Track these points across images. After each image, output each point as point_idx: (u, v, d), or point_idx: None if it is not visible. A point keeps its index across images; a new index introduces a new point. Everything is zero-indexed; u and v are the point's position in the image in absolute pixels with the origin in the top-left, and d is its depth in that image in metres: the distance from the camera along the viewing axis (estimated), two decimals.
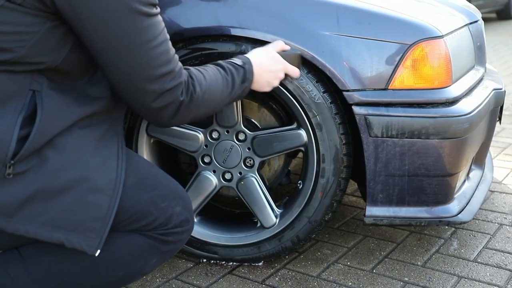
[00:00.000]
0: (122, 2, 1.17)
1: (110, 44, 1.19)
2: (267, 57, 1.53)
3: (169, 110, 1.30)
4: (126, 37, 1.19)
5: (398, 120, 1.53)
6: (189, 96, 1.31)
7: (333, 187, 1.66)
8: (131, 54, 1.21)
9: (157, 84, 1.25)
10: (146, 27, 1.20)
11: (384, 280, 1.71)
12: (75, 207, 1.25)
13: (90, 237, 1.25)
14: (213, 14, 1.58)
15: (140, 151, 1.77)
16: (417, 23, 1.56)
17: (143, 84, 1.24)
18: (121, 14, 1.17)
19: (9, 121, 1.18)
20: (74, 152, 1.26)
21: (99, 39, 1.19)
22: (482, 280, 1.69)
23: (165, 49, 1.25)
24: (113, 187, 1.29)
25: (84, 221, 1.25)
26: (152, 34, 1.22)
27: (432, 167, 1.57)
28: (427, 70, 1.54)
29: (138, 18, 1.19)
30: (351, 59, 1.53)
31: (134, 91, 1.26)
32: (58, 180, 1.23)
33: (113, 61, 1.22)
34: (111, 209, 1.27)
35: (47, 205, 1.23)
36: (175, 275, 1.75)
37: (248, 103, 1.77)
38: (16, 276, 1.34)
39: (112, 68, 1.23)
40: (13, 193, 1.20)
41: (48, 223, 1.24)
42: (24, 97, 1.20)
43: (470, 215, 1.71)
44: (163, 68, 1.24)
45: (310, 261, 1.82)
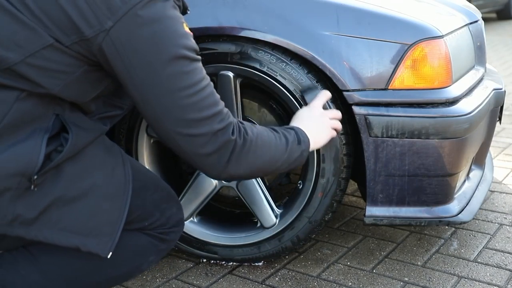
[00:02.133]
0: (167, 49, 1.21)
1: (154, 88, 1.22)
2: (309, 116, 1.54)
3: (223, 153, 1.29)
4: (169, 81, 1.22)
5: (398, 120, 1.53)
6: (242, 137, 1.31)
7: (333, 187, 1.66)
8: (173, 98, 1.23)
9: (207, 126, 1.25)
10: (190, 71, 1.24)
11: (384, 280, 1.71)
12: (90, 213, 1.32)
13: (103, 241, 1.33)
14: (213, 14, 1.58)
15: (140, 151, 1.77)
16: (417, 23, 1.56)
17: (193, 128, 1.25)
18: (166, 59, 1.21)
19: (36, 141, 1.24)
20: (87, 161, 1.33)
21: (144, 84, 1.23)
22: (482, 280, 1.69)
23: (210, 92, 1.27)
24: (122, 192, 1.36)
25: (98, 226, 1.33)
26: (196, 78, 1.24)
27: (432, 167, 1.57)
28: (427, 70, 1.54)
29: (183, 63, 1.22)
30: (351, 59, 1.53)
31: (185, 138, 1.26)
32: (74, 188, 1.31)
33: (162, 106, 1.24)
34: (122, 213, 1.35)
35: (63, 212, 1.30)
36: (175, 275, 1.75)
37: (248, 103, 1.77)
38: (26, 274, 1.39)
39: (160, 114, 1.25)
40: (32, 204, 1.27)
41: (65, 229, 1.31)
42: (48, 119, 1.26)
43: (470, 215, 1.71)
44: (211, 109, 1.25)
45: (310, 261, 1.82)
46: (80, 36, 1.18)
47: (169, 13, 1.22)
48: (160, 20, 1.20)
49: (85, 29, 1.17)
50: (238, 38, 1.59)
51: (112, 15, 1.17)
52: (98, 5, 1.16)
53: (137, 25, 1.18)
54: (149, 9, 1.18)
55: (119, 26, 1.17)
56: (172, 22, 1.22)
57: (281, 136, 1.42)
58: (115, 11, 1.17)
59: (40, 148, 1.24)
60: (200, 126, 1.25)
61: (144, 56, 1.20)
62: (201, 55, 1.62)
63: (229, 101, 1.66)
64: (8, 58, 1.17)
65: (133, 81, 1.23)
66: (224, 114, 1.28)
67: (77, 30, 1.17)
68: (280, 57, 1.58)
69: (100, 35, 1.17)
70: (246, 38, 1.58)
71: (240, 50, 1.59)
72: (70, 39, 1.18)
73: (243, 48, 1.59)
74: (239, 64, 1.61)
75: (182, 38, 1.23)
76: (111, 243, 1.34)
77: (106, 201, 1.34)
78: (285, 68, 1.58)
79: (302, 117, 1.55)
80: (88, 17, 1.16)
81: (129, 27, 1.18)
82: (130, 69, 1.21)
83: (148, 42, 1.20)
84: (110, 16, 1.17)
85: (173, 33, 1.22)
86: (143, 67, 1.21)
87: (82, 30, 1.17)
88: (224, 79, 1.64)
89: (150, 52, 1.20)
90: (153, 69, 1.21)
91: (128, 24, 1.18)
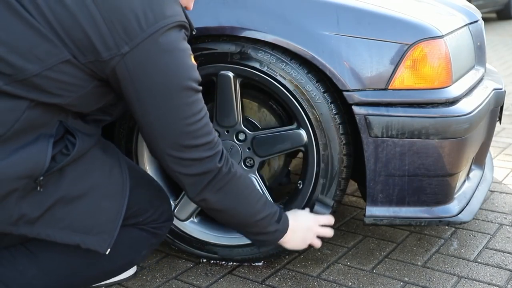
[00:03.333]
0: (176, 80, 1.29)
1: (160, 115, 1.31)
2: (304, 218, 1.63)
3: (204, 178, 1.39)
4: (176, 109, 1.31)
5: (398, 120, 1.53)
6: (228, 168, 1.41)
7: (333, 187, 1.66)
8: (177, 125, 1.32)
9: (197, 152, 1.35)
10: (194, 101, 1.33)
11: (384, 280, 1.71)
12: (90, 211, 1.40)
13: (102, 238, 1.41)
14: (213, 14, 1.58)
15: (140, 151, 1.77)
16: (417, 23, 1.56)
17: (185, 152, 1.34)
18: (176, 89, 1.29)
19: (42, 145, 1.30)
20: (87, 163, 1.40)
21: (150, 110, 1.31)
22: (482, 280, 1.69)
23: (206, 121, 1.36)
24: (121, 191, 1.45)
25: (98, 224, 1.41)
26: (198, 107, 1.34)
27: (432, 167, 1.57)
28: (427, 70, 1.54)
29: (189, 94, 1.32)
30: (351, 59, 1.53)
31: (175, 159, 1.36)
32: (76, 188, 1.38)
33: (162, 130, 1.33)
34: (120, 211, 1.43)
35: (66, 211, 1.37)
36: (175, 275, 1.75)
37: (248, 103, 1.77)
38: (24, 269, 1.45)
39: (159, 137, 1.34)
40: (37, 204, 1.33)
41: (67, 227, 1.38)
42: (53, 126, 1.33)
43: (470, 215, 1.71)
44: (204, 138, 1.35)
45: (310, 261, 1.82)
46: (96, 57, 1.24)
47: (181, 45, 1.30)
48: (173, 51, 1.28)
49: (103, 51, 1.23)
50: (238, 38, 1.59)
51: (130, 41, 1.23)
52: (117, 29, 1.22)
53: (152, 53, 1.25)
54: (164, 39, 1.25)
55: (135, 52, 1.24)
56: (183, 54, 1.30)
57: (264, 199, 1.52)
58: (133, 37, 1.23)
59: (47, 151, 1.29)
60: (191, 151, 1.35)
61: (154, 84, 1.28)
62: (201, 55, 1.62)
63: (229, 101, 1.66)
64: (27, 70, 1.22)
65: (139, 103, 1.30)
66: (214, 143, 1.38)
67: (95, 51, 1.23)
68: (280, 57, 1.58)
69: (115, 58, 1.24)
70: (246, 38, 1.58)
71: (240, 50, 1.59)
72: (86, 58, 1.24)
73: (243, 48, 1.59)
74: (239, 64, 1.61)
75: (190, 70, 1.32)
76: (110, 240, 1.42)
77: (105, 200, 1.41)
78: (285, 68, 1.58)
79: (298, 214, 1.64)
80: (107, 40, 1.22)
81: (144, 54, 1.25)
82: (139, 93, 1.29)
83: (161, 71, 1.27)
84: (128, 41, 1.23)
85: (183, 64, 1.30)
86: (152, 94, 1.29)
87: (99, 52, 1.23)
88: (224, 79, 1.64)
89: (161, 80, 1.28)
90: (161, 97, 1.29)
91: (144, 51, 1.24)
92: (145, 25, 1.23)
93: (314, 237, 1.64)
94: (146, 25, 1.23)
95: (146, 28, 1.23)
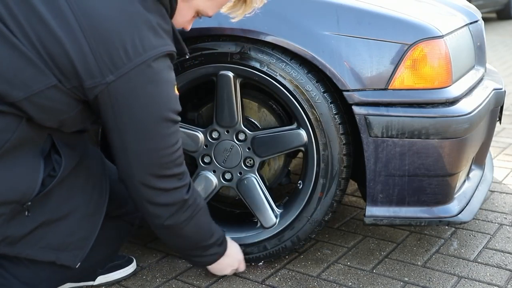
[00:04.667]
0: (158, 111, 1.28)
1: (138, 143, 1.30)
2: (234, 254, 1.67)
3: (171, 208, 1.40)
4: (154, 139, 1.30)
5: (398, 120, 1.53)
6: (193, 198, 1.44)
7: (333, 187, 1.66)
8: (154, 155, 1.32)
9: (169, 182, 1.36)
10: (173, 132, 1.33)
11: (384, 280, 1.71)
12: (70, 231, 1.42)
13: (74, 254, 1.44)
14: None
15: None
16: (417, 23, 1.56)
17: (157, 181, 1.35)
18: (156, 120, 1.29)
19: (34, 165, 1.30)
20: (71, 182, 1.40)
21: (129, 138, 1.30)
22: (482, 280, 1.69)
23: (180, 153, 1.37)
24: (99, 209, 1.47)
25: (75, 241, 1.43)
26: (175, 139, 1.34)
27: (432, 167, 1.57)
28: (427, 70, 1.54)
29: (169, 125, 1.31)
30: (351, 59, 1.53)
31: (146, 187, 1.36)
32: (60, 211, 1.39)
33: (137, 159, 1.32)
34: (95, 229, 1.46)
35: (47, 232, 1.38)
36: (175, 275, 1.75)
37: (248, 103, 1.77)
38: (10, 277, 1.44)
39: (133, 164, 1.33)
40: (21, 226, 1.33)
41: (46, 246, 1.39)
42: (43, 139, 1.32)
43: (470, 215, 1.71)
44: (177, 169, 1.37)
45: (310, 261, 1.82)
46: (80, 83, 1.21)
47: (166, 76, 1.28)
48: (158, 82, 1.26)
49: (86, 79, 1.21)
50: (238, 38, 1.59)
51: (115, 70, 1.21)
52: (103, 59, 1.19)
53: (137, 83, 1.23)
54: (150, 69, 1.23)
55: (120, 81, 1.22)
56: (168, 85, 1.29)
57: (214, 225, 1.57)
58: (119, 67, 1.20)
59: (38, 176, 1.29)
60: (164, 181, 1.35)
61: (136, 113, 1.26)
62: (201, 55, 1.62)
63: (229, 101, 1.66)
64: (12, 95, 1.20)
65: (118, 130, 1.29)
66: (185, 174, 1.40)
67: (78, 77, 1.21)
68: (280, 57, 1.58)
69: (99, 86, 1.22)
70: (246, 38, 1.58)
71: (240, 50, 1.59)
72: (70, 83, 1.22)
73: (243, 48, 1.59)
74: (239, 64, 1.61)
75: (172, 101, 1.31)
76: (82, 255, 1.44)
77: (84, 220, 1.44)
78: (285, 68, 1.58)
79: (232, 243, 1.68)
80: (92, 69, 1.20)
81: (129, 84, 1.23)
82: (118, 121, 1.27)
83: (143, 102, 1.25)
84: (114, 70, 1.20)
85: (166, 95, 1.29)
86: (131, 123, 1.27)
87: (83, 79, 1.21)
88: (224, 79, 1.64)
89: (143, 111, 1.26)
90: (140, 126, 1.28)
91: (129, 80, 1.22)
92: (132, 55, 1.21)
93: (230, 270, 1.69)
94: (134, 55, 1.21)
95: (133, 58, 1.21)
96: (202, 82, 1.70)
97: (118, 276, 1.69)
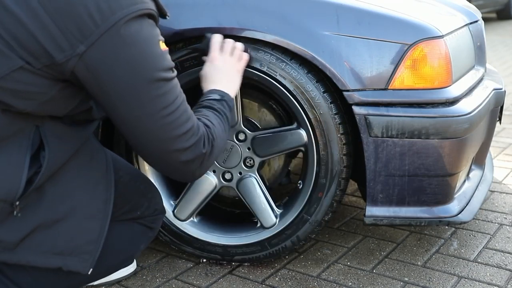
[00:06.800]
0: (143, 74, 1.18)
1: (133, 111, 1.20)
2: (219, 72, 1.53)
3: (195, 164, 1.30)
4: (148, 104, 1.20)
5: (398, 120, 1.53)
6: (211, 145, 1.33)
7: (333, 187, 1.66)
8: (153, 119, 1.22)
9: (181, 142, 1.25)
10: (167, 91, 1.22)
11: (384, 280, 1.71)
12: (72, 234, 1.34)
13: (84, 259, 1.35)
14: (213, 14, 1.58)
15: None
16: (417, 23, 1.56)
17: (167, 145, 1.25)
18: (144, 83, 1.18)
19: (17, 162, 1.21)
20: (68, 181, 1.33)
21: (122, 108, 1.20)
22: (482, 280, 1.69)
23: (184, 109, 1.26)
24: (103, 210, 1.38)
25: (80, 245, 1.35)
26: (172, 97, 1.23)
27: (432, 167, 1.57)
28: (427, 70, 1.54)
29: (160, 85, 1.20)
30: (351, 59, 1.53)
31: (159, 153, 1.27)
32: (56, 211, 1.31)
33: (137, 128, 1.23)
34: (103, 231, 1.37)
35: (46, 235, 1.31)
36: (175, 275, 1.75)
37: (248, 103, 1.77)
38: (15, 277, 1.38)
39: (136, 134, 1.24)
40: (15, 229, 1.27)
41: (48, 251, 1.32)
42: (28, 133, 1.23)
43: (470, 215, 1.71)
44: (183, 126, 1.25)
45: (310, 261, 1.82)
46: (51, 60, 1.13)
47: (145, 34, 1.18)
48: (136, 43, 1.16)
49: (56, 54, 1.12)
50: (238, 38, 1.59)
51: (84, 39, 1.12)
52: (70, 29, 1.11)
53: (112, 49, 1.14)
54: (124, 31, 1.14)
55: (92, 50, 1.13)
56: (149, 43, 1.19)
57: (223, 116, 1.43)
58: (88, 35, 1.12)
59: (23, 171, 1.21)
60: (175, 142, 1.25)
61: (120, 81, 1.17)
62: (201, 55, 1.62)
63: None
64: None
65: (109, 103, 1.20)
66: (196, 128, 1.28)
67: (47, 55, 1.12)
68: (280, 57, 1.58)
69: (72, 59, 1.13)
70: (246, 38, 1.58)
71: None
72: (40, 62, 1.13)
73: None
74: None
75: (158, 59, 1.20)
76: (92, 260, 1.36)
77: (87, 221, 1.35)
78: (285, 68, 1.58)
79: (214, 78, 1.52)
80: (59, 42, 1.11)
81: (103, 51, 1.13)
82: (106, 93, 1.18)
83: (124, 67, 1.16)
84: (83, 40, 1.12)
85: (149, 55, 1.18)
86: (119, 91, 1.18)
87: (52, 55, 1.12)
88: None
89: (127, 77, 1.17)
90: (129, 93, 1.18)
91: (102, 48, 1.13)
92: (99, 20, 1.11)
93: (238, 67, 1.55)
94: (101, 20, 1.11)
95: (101, 23, 1.11)
96: None
97: (118, 276, 1.69)
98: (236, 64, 1.55)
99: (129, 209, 1.53)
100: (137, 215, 1.55)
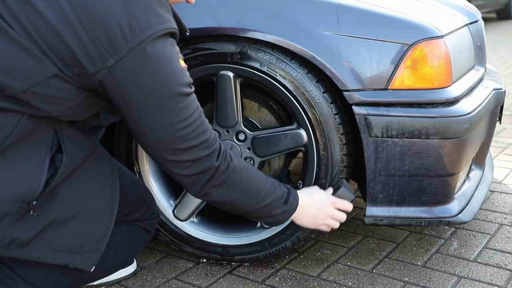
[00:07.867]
0: (165, 88, 1.26)
1: (152, 123, 1.29)
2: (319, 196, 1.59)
3: (203, 176, 1.37)
4: (167, 116, 1.28)
5: (398, 120, 1.53)
6: (226, 164, 1.38)
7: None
8: (170, 130, 1.29)
9: (193, 154, 1.32)
10: (186, 105, 1.29)
11: (384, 280, 1.71)
12: (80, 233, 1.41)
13: (88, 257, 1.43)
14: (213, 14, 1.58)
15: (141, 150, 1.77)
16: (417, 23, 1.56)
17: (180, 155, 1.32)
18: (165, 97, 1.26)
19: (38, 164, 1.30)
20: (79, 182, 1.40)
21: (142, 119, 1.28)
22: (482, 280, 1.69)
23: (201, 121, 1.33)
24: (109, 211, 1.46)
25: (86, 244, 1.42)
26: (190, 110, 1.30)
27: (432, 167, 1.57)
28: (427, 70, 1.54)
29: (179, 99, 1.28)
30: (351, 59, 1.53)
31: (172, 162, 1.34)
32: (67, 211, 1.38)
33: (156, 137, 1.31)
34: (107, 231, 1.45)
35: (56, 233, 1.38)
36: (175, 275, 1.75)
37: (248, 103, 1.77)
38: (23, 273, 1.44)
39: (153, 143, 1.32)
40: (29, 227, 1.34)
41: (57, 248, 1.39)
42: (48, 135, 1.31)
43: (470, 215, 1.71)
44: (199, 138, 1.32)
45: (310, 261, 1.82)
46: (82, 70, 1.21)
47: (168, 52, 1.26)
48: (160, 59, 1.24)
49: (87, 65, 1.20)
50: (238, 38, 1.59)
51: (115, 53, 1.19)
52: (101, 42, 1.18)
53: (138, 64, 1.22)
54: (150, 48, 1.22)
55: (121, 64, 1.21)
56: (171, 60, 1.27)
57: (269, 184, 1.48)
58: (118, 49, 1.19)
59: (43, 172, 1.29)
60: (187, 153, 1.32)
61: (143, 94, 1.25)
62: (201, 55, 1.62)
63: (229, 101, 1.66)
64: (14, 87, 1.20)
65: (130, 112, 1.28)
66: (211, 141, 1.35)
67: (79, 64, 1.20)
68: (280, 57, 1.58)
69: (101, 71, 1.21)
70: (246, 38, 1.58)
71: (240, 50, 1.59)
72: (72, 71, 1.21)
73: (243, 48, 1.59)
74: (239, 64, 1.61)
75: (179, 75, 1.28)
76: (95, 258, 1.44)
77: (94, 221, 1.43)
78: (285, 68, 1.58)
79: (312, 192, 1.60)
80: (91, 54, 1.19)
81: (131, 66, 1.21)
82: (129, 104, 1.26)
83: (148, 81, 1.24)
84: (113, 53, 1.19)
85: (171, 72, 1.26)
86: (141, 103, 1.26)
87: (84, 65, 1.20)
88: (224, 79, 1.64)
89: (149, 90, 1.25)
90: (151, 105, 1.26)
91: (130, 62, 1.21)
92: (130, 36, 1.19)
93: (328, 219, 1.59)
94: (131, 36, 1.20)
95: (131, 39, 1.19)
96: (202, 82, 1.70)
97: (118, 276, 1.69)
98: (326, 218, 1.60)
99: (129, 211, 1.59)
100: (135, 217, 1.61)
